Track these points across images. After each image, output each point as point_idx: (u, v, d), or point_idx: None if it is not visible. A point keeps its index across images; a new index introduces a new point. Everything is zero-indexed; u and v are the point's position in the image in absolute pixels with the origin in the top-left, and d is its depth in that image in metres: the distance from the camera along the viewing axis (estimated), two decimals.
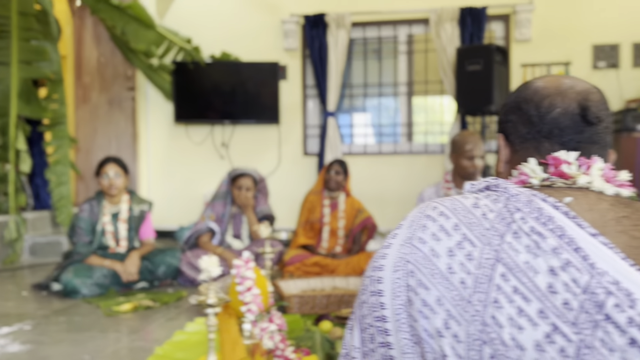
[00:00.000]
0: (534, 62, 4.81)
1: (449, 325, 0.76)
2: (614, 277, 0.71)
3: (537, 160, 0.90)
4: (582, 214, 0.80)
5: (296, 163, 5.15)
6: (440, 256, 0.80)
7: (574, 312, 0.71)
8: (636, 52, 4.69)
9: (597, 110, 0.89)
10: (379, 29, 5.11)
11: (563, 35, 4.78)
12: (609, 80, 4.72)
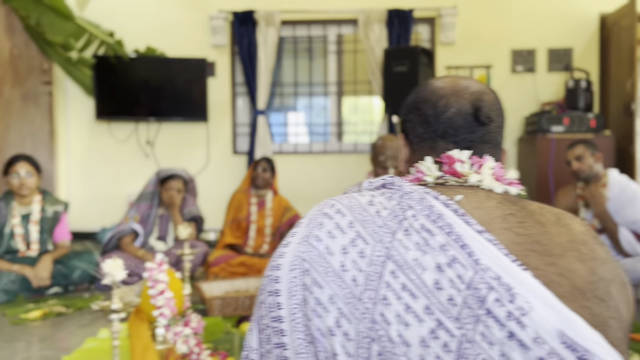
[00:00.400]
0: (457, 64, 4.97)
1: (340, 323, 0.76)
2: (496, 273, 0.73)
3: (433, 158, 0.91)
4: (470, 212, 0.81)
5: (225, 162, 5.06)
6: (335, 254, 0.80)
7: (457, 307, 0.72)
8: (551, 58, 4.95)
9: (489, 111, 0.91)
10: (308, 28, 5.12)
11: (485, 40, 4.97)
12: (526, 83, 4.96)
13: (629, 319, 0.80)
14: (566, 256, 0.78)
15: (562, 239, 0.80)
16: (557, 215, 0.84)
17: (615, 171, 3.33)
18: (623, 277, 0.83)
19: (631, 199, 3.16)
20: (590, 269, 0.77)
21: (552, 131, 4.45)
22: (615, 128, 4.70)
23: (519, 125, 4.99)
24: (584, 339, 0.69)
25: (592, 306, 0.75)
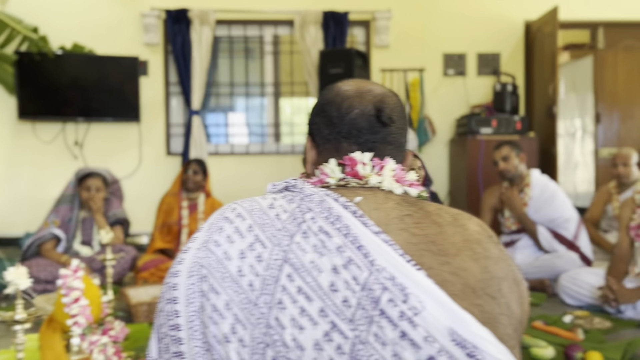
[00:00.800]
0: (392, 67, 5.07)
1: (235, 329, 0.74)
2: (390, 273, 0.74)
3: (336, 160, 0.91)
4: (369, 213, 0.82)
5: (158, 163, 4.93)
6: (232, 259, 0.79)
7: (352, 309, 0.73)
8: (480, 62, 5.13)
9: (391, 112, 0.92)
10: (244, 28, 5.07)
11: (418, 43, 5.09)
12: (457, 86, 5.12)
13: (520, 315, 0.82)
14: (460, 255, 0.80)
15: (457, 238, 0.82)
16: (454, 215, 0.86)
17: (537, 171, 3.49)
18: (516, 275, 0.86)
19: (550, 199, 3.32)
20: (483, 268, 0.80)
21: (481, 133, 4.62)
22: (539, 130, 4.93)
23: (450, 127, 5.14)
24: (473, 335, 0.71)
25: (483, 303, 0.77)
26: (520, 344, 0.87)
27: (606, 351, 2.00)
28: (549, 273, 3.09)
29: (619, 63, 5.36)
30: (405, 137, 0.97)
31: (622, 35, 5.32)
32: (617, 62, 5.36)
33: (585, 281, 2.76)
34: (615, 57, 5.35)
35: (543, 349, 1.98)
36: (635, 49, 5.35)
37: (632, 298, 2.50)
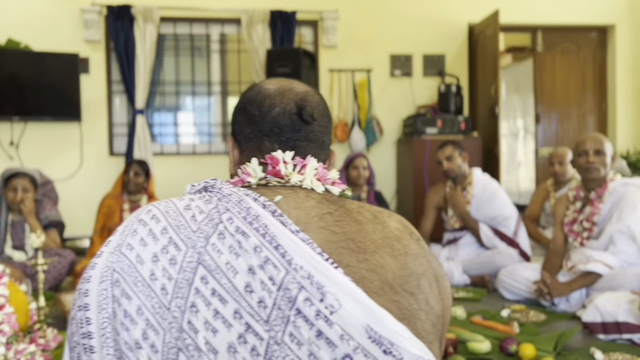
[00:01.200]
0: (340, 67, 5.10)
1: (147, 335, 0.72)
2: (308, 272, 0.73)
3: (258, 159, 0.90)
4: (289, 212, 0.81)
5: (101, 164, 4.78)
6: (145, 262, 0.76)
7: (267, 309, 0.72)
8: (426, 63, 5.23)
9: (312, 110, 0.92)
10: (190, 26, 4.98)
11: (365, 44, 5.14)
12: (404, 87, 5.20)
13: (440, 310, 0.84)
14: (379, 252, 0.80)
15: (377, 236, 0.82)
16: (374, 213, 0.87)
17: (478, 170, 3.59)
18: (437, 271, 0.87)
19: (491, 197, 3.42)
20: (401, 264, 0.80)
21: (426, 133, 4.71)
22: (483, 130, 5.07)
23: (397, 127, 5.21)
24: (389, 332, 0.72)
25: (400, 300, 0.77)
26: (441, 339, 0.89)
27: (539, 343, 2.07)
28: (489, 269, 3.18)
29: (557, 66, 5.58)
30: (329, 136, 0.97)
31: (560, 39, 5.55)
32: (555, 64, 5.58)
33: (522, 276, 2.85)
34: (553, 60, 5.57)
35: (480, 343, 2.03)
36: (572, 52, 5.59)
37: (565, 291, 2.60)
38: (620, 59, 5.43)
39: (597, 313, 2.23)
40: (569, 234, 2.82)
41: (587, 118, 5.63)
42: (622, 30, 5.41)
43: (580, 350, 2.08)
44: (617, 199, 2.65)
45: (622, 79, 5.45)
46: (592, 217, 2.72)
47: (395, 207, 5.23)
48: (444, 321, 0.89)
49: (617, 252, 2.54)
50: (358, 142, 5.03)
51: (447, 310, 0.90)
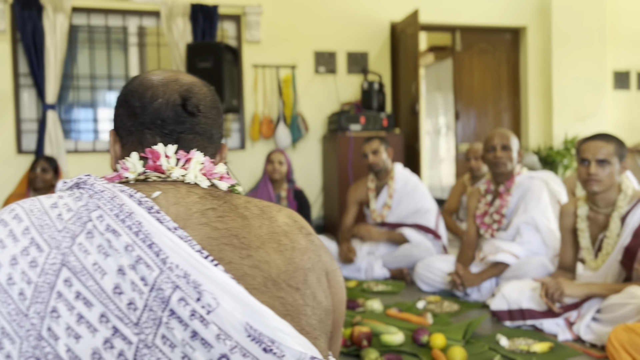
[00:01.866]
0: (264, 63, 5.05)
1: (2, 344, 0.66)
2: (184, 271, 0.70)
3: (139, 154, 0.86)
4: (167, 208, 0.77)
5: (7, 162, 4.47)
6: (2, 266, 0.70)
7: (138, 311, 0.68)
8: (349, 60, 5.29)
9: (198, 102, 0.88)
10: (106, 17, 4.76)
11: (289, 40, 5.12)
12: (329, 84, 5.23)
13: (328, 305, 0.83)
14: (264, 248, 0.78)
15: (263, 231, 0.80)
16: (262, 208, 0.85)
17: (400, 165, 3.66)
18: (328, 265, 0.86)
19: (412, 191, 3.50)
20: (287, 259, 0.79)
21: (350, 129, 4.75)
22: (404, 126, 5.19)
23: (322, 124, 5.24)
24: (270, 329, 0.70)
25: (285, 296, 0.76)
26: (332, 334, 0.88)
27: (450, 332, 2.13)
28: (407, 262, 3.25)
29: (474, 65, 5.81)
30: (219, 130, 0.94)
31: (477, 40, 5.78)
32: (473, 64, 5.81)
33: (438, 268, 2.94)
34: (471, 59, 5.79)
35: (393, 335, 2.06)
36: (488, 52, 5.83)
37: (476, 281, 2.70)
38: (531, 59, 5.73)
39: (503, 301, 2.33)
40: (480, 226, 2.93)
41: (502, 115, 5.90)
42: (533, 32, 5.71)
43: (488, 337, 2.16)
44: (523, 192, 2.79)
45: (533, 78, 5.75)
46: (501, 209, 2.84)
47: (321, 203, 5.25)
48: (336, 316, 0.88)
49: (523, 242, 2.67)
50: (283, 138, 5.01)
51: (340, 305, 0.90)
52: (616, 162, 2.14)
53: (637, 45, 6.00)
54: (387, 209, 3.48)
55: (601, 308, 2.09)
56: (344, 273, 3.37)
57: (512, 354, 1.98)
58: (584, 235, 2.28)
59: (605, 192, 2.18)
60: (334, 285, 0.87)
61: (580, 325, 2.10)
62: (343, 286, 0.91)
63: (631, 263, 2.10)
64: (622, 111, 6.01)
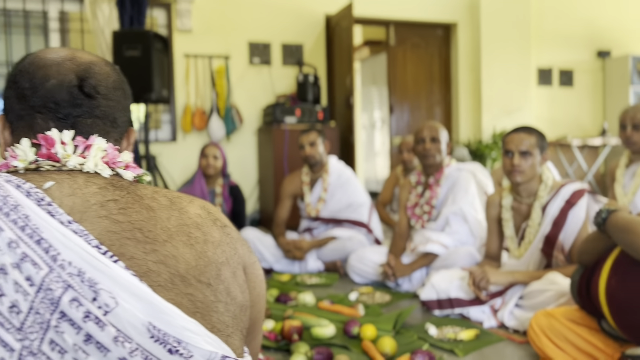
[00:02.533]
0: (196, 53, 4.90)
1: None
2: (78, 268, 0.63)
3: (31, 140, 0.78)
4: (61, 200, 0.70)
5: None
6: None
7: (21, 315, 0.61)
8: (284, 52, 5.23)
9: (98, 83, 0.81)
10: (23, 0, 4.45)
11: (222, 30, 4.99)
12: (263, 75, 5.15)
13: (244, 300, 0.78)
14: (172, 242, 0.73)
15: (172, 223, 0.75)
16: (171, 199, 0.79)
17: (334, 158, 3.65)
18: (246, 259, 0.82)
19: (346, 183, 3.50)
20: (199, 253, 0.74)
21: (285, 122, 4.71)
22: (340, 120, 5.20)
23: (258, 116, 5.16)
24: (176, 328, 0.66)
25: (194, 292, 0.71)
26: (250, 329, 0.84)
27: (380, 323, 2.14)
28: (341, 254, 3.25)
29: (408, 59, 5.90)
30: (125, 113, 0.87)
31: (410, 34, 5.87)
32: (406, 58, 5.90)
33: (370, 259, 2.96)
34: (405, 54, 5.88)
35: (324, 327, 2.05)
36: (421, 47, 5.94)
37: (407, 272, 2.74)
38: (462, 55, 5.89)
39: (432, 291, 2.37)
40: (411, 217, 2.97)
41: (434, 109, 6.04)
42: (464, 28, 5.87)
43: (417, 326, 2.19)
44: (452, 183, 2.85)
45: (463, 73, 5.92)
46: (431, 200, 2.89)
47: (257, 196, 5.18)
48: (254, 311, 0.84)
49: (452, 232, 2.73)
50: (217, 130, 4.89)
51: (258, 300, 0.85)
52: (538, 154, 2.21)
53: (559, 44, 6.31)
54: (321, 202, 3.47)
55: (523, 295, 2.16)
56: (278, 267, 3.33)
57: (440, 342, 2.01)
58: (508, 224, 2.36)
59: (528, 183, 2.25)
60: (252, 279, 0.83)
61: (504, 312, 2.17)
62: (262, 280, 0.87)
63: (551, 251, 2.19)
64: (544, 106, 6.30)
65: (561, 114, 6.38)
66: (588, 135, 6.44)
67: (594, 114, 6.57)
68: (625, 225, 1.41)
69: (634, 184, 2.98)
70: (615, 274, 1.46)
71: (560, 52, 6.32)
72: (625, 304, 1.41)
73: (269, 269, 3.32)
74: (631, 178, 3.04)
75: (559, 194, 2.21)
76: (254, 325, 0.85)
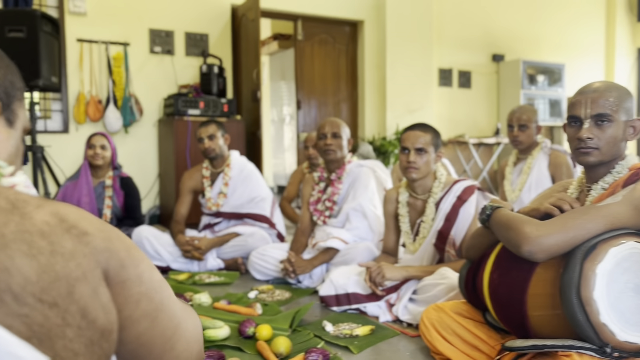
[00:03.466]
0: (91, 38, 4.58)
1: None
2: None
3: None
4: None
5: None
6: None
7: None
8: (188, 41, 5.03)
9: None
10: None
11: (120, 15, 4.71)
12: (166, 65, 4.93)
13: (109, 322, 0.66)
14: (6, 251, 0.61)
15: (9, 229, 0.63)
16: (14, 202, 0.66)
17: (236, 153, 3.55)
18: (114, 274, 0.68)
19: (248, 178, 3.42)
20: (43, 266, 0.62)
21: (188, 114, 4.53)
22: (246, 113, 5.10)
23: (159, 107, 4.93)
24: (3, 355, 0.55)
25: (30, 313, 0.59)
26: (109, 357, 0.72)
27: (277, 322, 2.10)
28: (242, 252, 3.18)
29: (316, 55, 5.91)
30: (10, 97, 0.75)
31: (318, 30, 5.88)
32: (314, 54, 5.90)
33: (271, 256, 2.91)
34: (312, 49, 5.88)
35: (218, 329, 1.97)
36: (328, 43, 5.97)
37: (308, 268, 2.72)
38: (368, 53, 6.00)
39: (331, 286, 2.36)
40: (314, 213, 2.96)
41: (341, 106, 6.10)
42: (370, 26, 5.97)
43: (315, 323, 2.17)
44: (353, 180, 2.87)
45: (369, 71, 6.03)
46: (332, 196, 2.89)
47: (157, 191, 4.96)
48: (124, 335, 0.72)
49: (352, 228, 2.75)
50: (114, 121, 4.61)
51: (132, 321, 0.72)
52: (432, 151, 2.27)
53: (458, 47, 6.61)
54: (222, 197, 3.36)
55: (417, 289, 2.21)
56: (175, 266, 3.18)
57: (336, 339, 2.00)
58: (404, 220, 2.40)
59: (423, 180, 2.31)
60: (132, 295, 0.70)
61: (399, 306, 2.20)
62: (150, 295, 0.73)
63: (443, 245, 2.25)
64: (445, 106, 6.58)
65: (459, 114, 6.69)
66: (483, 134, 6.81)
67: (489, 115, 6.96)
68: (505, 222, 1.47)
69: (521, 181, 3.17)
70: (497, 268, 1.52)
71: (459, 54, 6.62)
72: (505, 298, 1.47)
73: (166, 267, 3.17)
74: (518, 175, 3.23)
75: (451, 191, 2.28)
76: (150, 348, 0.74)
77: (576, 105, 1.50)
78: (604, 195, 1.46)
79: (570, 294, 1.27)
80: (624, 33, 7.82)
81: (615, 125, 1.45)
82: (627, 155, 1.51)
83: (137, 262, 0.72)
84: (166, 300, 0.75)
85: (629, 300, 1.27)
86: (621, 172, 1.49)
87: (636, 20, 7.79)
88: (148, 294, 0.72)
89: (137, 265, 0.71)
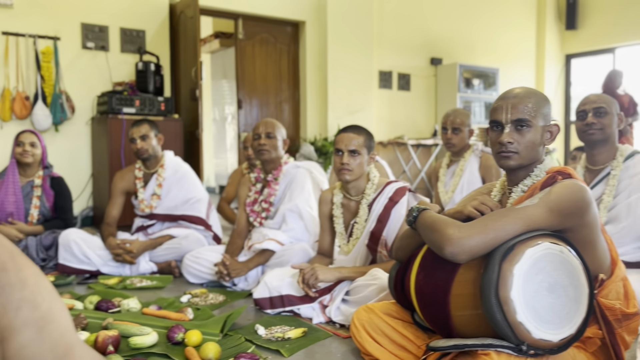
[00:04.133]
0: (17, 31, 4.35)
1: None
2: None
3: None
4: None
5: None
6: None
7: None
8: (124, 38, 4.87)
9: None
10: None
11: (50, 7, 4.50)
12: (100, 61, 4.75)
13: None
14: None
15: None
16: None
17: (170, 153, 3.45)
18: None
19: (182, 179, 3.34)
20: None
21: (123, 112, 4.39)
22: (185, 112, 4.99)
23: (92, 105, 4.74)
24: None
25: None
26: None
27: (208, 327, 2.05)
28: (176, 254, 3.10)
29: (257, 54, 5.86)
30: None
31: (259, 29, 5.83)
32: (255, 53, 5.85)
33: (206, 259, 2.85)
34: (253, 48, 5.83)
35: (145, 336, 1.90)
36: (270, 43, 5.93)
37: (243, 271, 2.68)
38: (310, 53, 6.00)
39: (265, 289, 2.34)
40: (250, 214, 2.92)
41: (283, 106, 6.08)
42: (311, 27, 5.98)
43: (247, 327, 2.14)
44: (289, 181, 2.86)
45: (311, 72, 6.04)
46: (269, 197, 2.87)
47: (90, 192, 4.77)
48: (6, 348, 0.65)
49: (288, 229, 2.74)
50: (42, 119, 4.40)
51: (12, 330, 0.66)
52: (365, 153, 2.28)
53: (398, 49, 6.73)
54: (156, 198, 3.27)
55: (349, 290, 2.22)
56: (106, 270, 3.05)
57: (268, 342, 1.98)
58: (338, 221, 2.41)
59: (356, 181, 2.32)
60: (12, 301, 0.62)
61: (332, 308, 2.21)
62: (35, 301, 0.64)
63: (375, 246, 2.28)
64: (384, 108, 6.69)
65: (399, 116, 6.82)
66: (422, 136, 6.97)
67: (428, 117, 7.13)
68: (430, 224, 1.49)
69: (453, 183, 3.25)
70: (422, 269, 1.54)
71: (399, 57, 6.74)
72: (430, 298, 1.49)
73: (96, 272, 3.05)
74: (451, 177, 3.32)
75: (383, 192, 2.31)
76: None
77: (497, 111, 1.55)
78: (523, 198, 1.52)
79: (489, 294, 1.31)
80: (553, 40, 8.21)
81: (534, 130, 1.51)
82: (545, 159, 1.58)
83: (21, 266, 0.65)
84: (58, 312, 0.68)
85: (544, 299, 1.32)
86: (539, 175, 1.55)
87: (564, 28, 8.19)
88: (32, 300, 0.65)
89: (21, 269, 0.64)
